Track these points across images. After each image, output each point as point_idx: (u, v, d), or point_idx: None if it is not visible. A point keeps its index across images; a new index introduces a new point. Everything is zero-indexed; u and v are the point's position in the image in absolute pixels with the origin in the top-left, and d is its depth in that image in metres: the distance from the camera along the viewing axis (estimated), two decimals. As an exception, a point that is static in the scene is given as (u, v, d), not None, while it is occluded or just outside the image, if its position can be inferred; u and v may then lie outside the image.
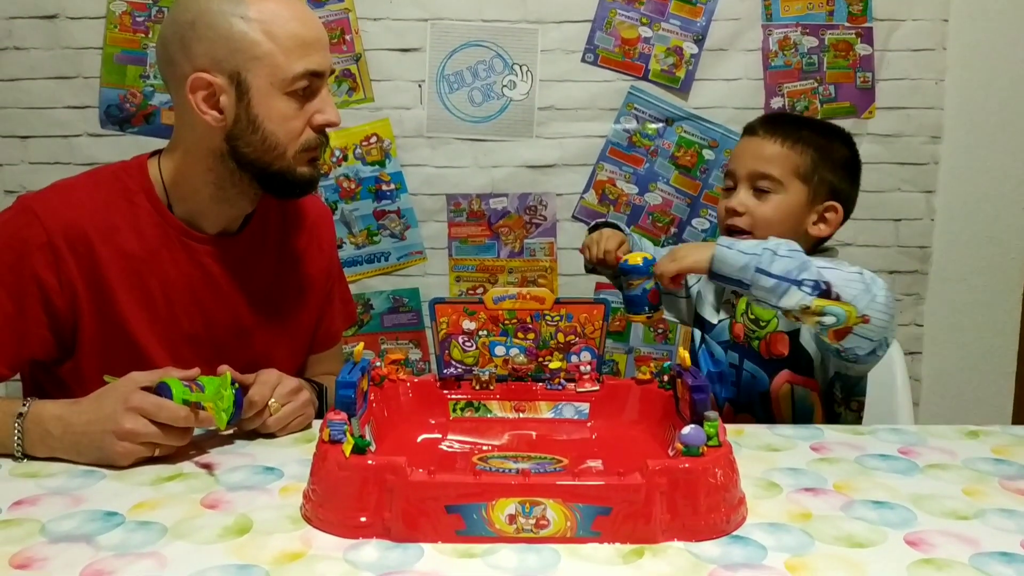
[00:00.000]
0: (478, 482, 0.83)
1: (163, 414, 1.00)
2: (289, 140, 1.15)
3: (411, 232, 2.24)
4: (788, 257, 1.14)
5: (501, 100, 2.20)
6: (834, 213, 1.39)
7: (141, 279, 1.19)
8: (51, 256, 1.13)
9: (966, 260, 2.27)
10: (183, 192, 1.20)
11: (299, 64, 1.12)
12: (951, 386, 2.31)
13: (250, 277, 1.27)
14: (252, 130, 1.13)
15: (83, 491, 0.95)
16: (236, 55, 1.11)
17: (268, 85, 1.12)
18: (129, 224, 1.18)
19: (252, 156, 1.15)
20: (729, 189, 1.42)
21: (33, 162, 2.18)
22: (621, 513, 0.82)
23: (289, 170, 1.17)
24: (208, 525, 0.86)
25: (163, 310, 1.21)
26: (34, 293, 1.13)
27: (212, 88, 1.12)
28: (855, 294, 1.14)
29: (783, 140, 1.38)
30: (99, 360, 1.17)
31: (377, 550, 0.81)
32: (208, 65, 1.11)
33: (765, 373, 1.37)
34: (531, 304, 1.12)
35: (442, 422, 1.13)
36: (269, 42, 1.11)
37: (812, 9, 2.18)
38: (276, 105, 1.13)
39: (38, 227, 1.13)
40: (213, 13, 1.11)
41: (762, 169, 1.37)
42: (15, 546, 0.81)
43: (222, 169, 1.17)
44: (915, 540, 0.85)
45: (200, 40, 1.11)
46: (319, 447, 0.88)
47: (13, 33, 2.14)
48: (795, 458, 1.08)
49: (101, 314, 1.17)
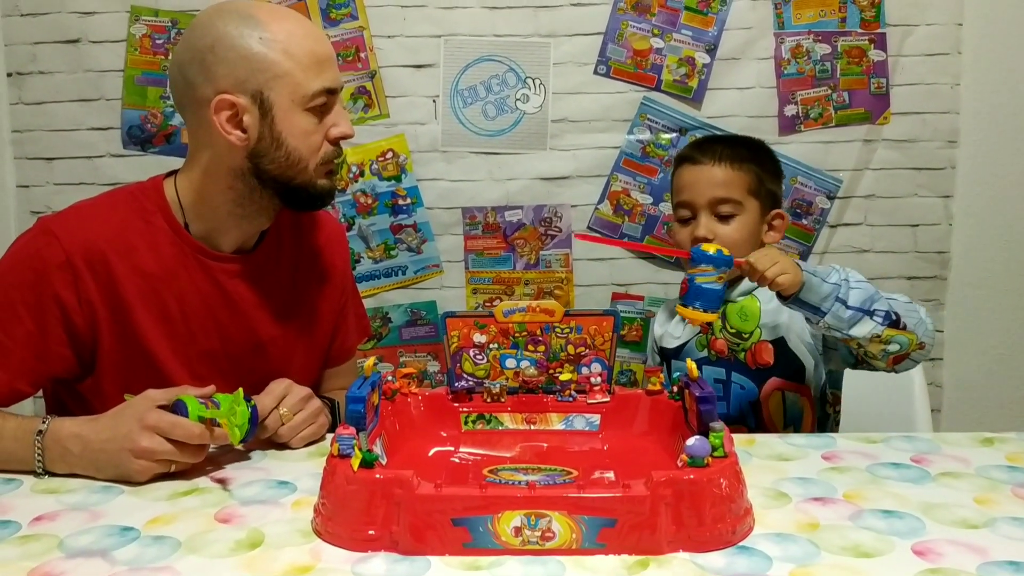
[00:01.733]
0: (484, 495, 0.84)
1: (178, 432, 1.02)
2: (310, 154, 1.19)
3: (428, 246, 2.26)
4: (860, 288, 1.19)
5: (515, 113, 2.22)
6: (781, 220, 1.47)
7: (159, 297, 1.21)
8: (70, 276, 1.16)
9: (985, 264, 2.24)
10: (201, 211, 1.23)
11: (317, 81, 1.16)
12: (973, 392, 2.28)
13: (266, 293, 1.29)
14: (276, 147, 1.16)
15: (101, 506, 0.97)
16: (258, 75, 1.14)
17: (289, 102, 1.15)
18: (146, 243, 1.21)
19: (275, 172, 1.18)
20: (685, 220, 1.44)
21: (58, 183, 2.22)
22: (626, 524, 0.83)
23: (310, 183, 1.21)
24: (221, 539, 0.88)
25: (180, 327, 1.23)
26: (54, 312, 1.16)
27: (236, 108, 1.15)
28: (915, 323, 1.22)
29: (729, 163, 1.42)
30: (118, 377, 1.20)
31: (385, 563, 0.83)
32: (230, 86, 1.14)
33: (754, 383, 1.38)
34: (541, 317, 1.13)
35: (454, 435, 1.15)
36: (288, 61, 1.14)
37: (824, 16, 2.17)
38: (297, 121, 1.16)
39: (57, 247, 1.15)
40: (232, 36, 1.14)
41: (721, 194, 1.41)
42: (33, 561, 0.83)
43: (242, 187, 1.20)
44: (922, 550, 0.85)
45: (221, 63, 1.14)
46: (328, 461, 0.90)
47: (37, 57, 2.19)
48: (805, 467, 1.08)
49: (120, 332, 1.19)
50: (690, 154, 1.46)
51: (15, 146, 2.23)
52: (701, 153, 1.44)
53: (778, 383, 1.38)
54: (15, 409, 1.16)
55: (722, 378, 1.42)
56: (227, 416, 1.04)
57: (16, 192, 2.24)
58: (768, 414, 1.37)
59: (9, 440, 1.07)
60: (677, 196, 1.47)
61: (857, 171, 2.21)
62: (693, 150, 1.47)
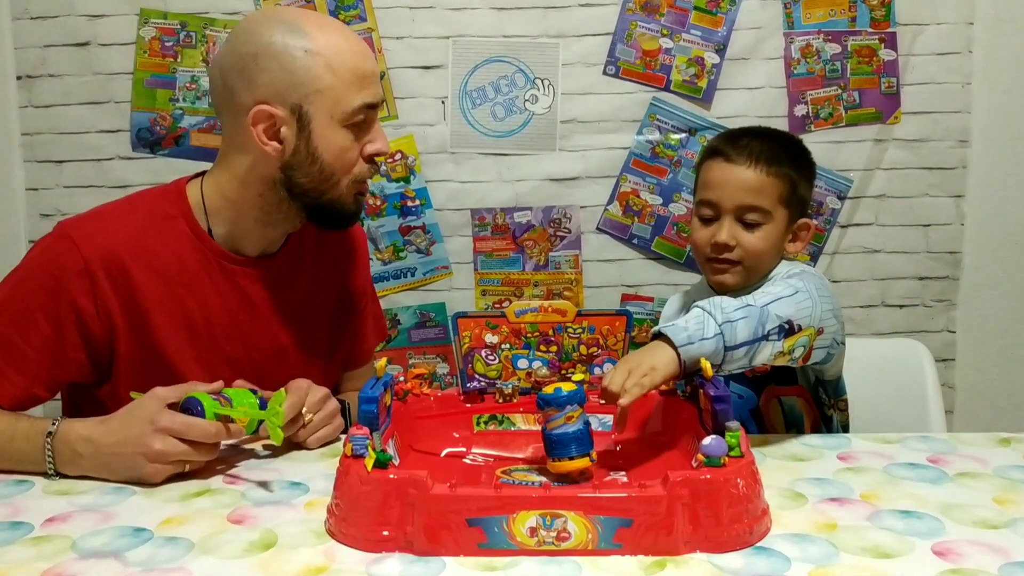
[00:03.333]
0: (499, 495, 0.83)
1: (194, 432, 1.02)
2: (344, 171, 1.17)
3: (437, 247, 2.26)
4: (745, 317, 1.07)
5: (524, 114, 2.21)
6: (806, 231, 1.36)
7: (180, 303, 1.20)
8: (88, 282, 1.15)
9: (998, 264, 2.23)
10: (227, 216, 1.22)
11: (358, 98, 1.14)
12: (986, 393, 2.26)
13: (288, 298, 1.29)
14: (311, 161, 1.15)
15: (113, 507, 0.96)
16: (299, 88, 1.12)
17: (328, 118, 1.14)
18: (168, 248, 1.20)
19: (308, 186, 1.17)
20: (707, 219, 1.34)
21: (67, 186, 2.22)
22: (643, 525, 0.82)
23: (339, 201, 1.19)
24: (234, 540, 0.87)
25: (203, 333, 1.22)
26: (71, 319, 1.15)
27: (274, 120, 1.13)
28: (807, 313, 1.13)
29: (766, 167, 1.30)
30: (136, 384, 1.18)
31: (399, 564, 0.82)
32: (270, 96, 1.13)
33: (752, 391, 1.35)
34: (553, 317, 1.13)
35: (466, 436, 1.14)
36: (331, 76, 1.12)
37: (834, 16, 2.16)
38: (335, 137, 1.15)
39: (76, 254, 1.15)
40: (276, 46, 1.12)
41: (751, 202, 1.30)
42: (47, 562, 0.83)
43: (272, 196, 1.19)
44: (943, 550, 0.84)
45: (263, 72, 1.12)
46: (342, 462, 0.89)
47: (47, 61, 2.19)
48: (821, 468, 1.07)
49: (138, 339, 1.19)
50: (723, 148, 1.33)
51: (25, 149, 2.23)
52: (735, 150, 1.32)
53: (775, 389, 1.35)
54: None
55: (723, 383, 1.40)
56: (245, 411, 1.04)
57: (26, 195, 2.24)
58: (769, 421, 1.36)
59: (21, 440, 1.07)
60: (702, 192, 1.35)
61: (868, 171, 2.20)
62: (727, 144, 1.34)
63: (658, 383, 1.02)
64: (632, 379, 1.00)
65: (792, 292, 1.14)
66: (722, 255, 1.32)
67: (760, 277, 1.34)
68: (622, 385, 0.99)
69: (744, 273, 1.33)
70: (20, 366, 1.14)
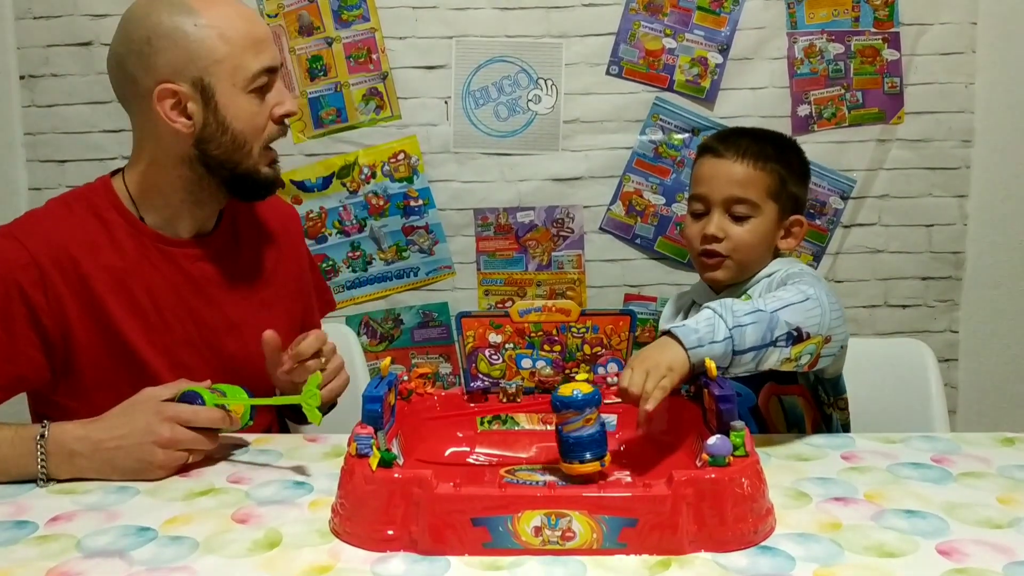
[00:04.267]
0: (503, 494, 0.83)
1: (202, 418, 1.05)
2: (255, 136, 1.20)
3: (439, 247, 2.26)
4: (755, 323, 1.08)
5: (527, 114, 2.21)
6: (799, 227, 1.39)
7: (128, 290, 1.20)
8: (36, 274, 1.14)
9: (1000, 264, 2.23)
10: (154, 202, 1.23)
11: (256, 62, 1.17)
12: (988, 392, 2.26)
13: (230, 274, 1.30)
14: (222, 132, 1.17)
15: (117, 507, 0.96)
16: (197, 62, 1.14)
17: (231, 86, 1.16)
18: (107, 239, 1.20)
19: (222, 158, 1.19)
20: (699, 214, 1.38)
21: (70, 185, 2.22)
22: (647, 524, 0.82)
23: (254, 170, 1.21)
24: (238, 539, 0.87)
25: (154, 317, 1.22)
26: (22, 312, 1.13)
27: (178, 96, 1.15)
28: (816, 321, 1.13)
29: (753, 161, 1.34)
30: (99, 373, 1.19)
31: (404, 563, 0.82)
32: (170, 76, 1.15)
33: (750, 389, 1.35)
34: (557, 316, 1.13)
35: (470, 435, 1.14)
36: (226, 45, 1.15)
37: (837, 16, 2.16)
38: (242, 103, 1.17)
39: (21, 249, 1.14)
40: (166, 25, 1.14)
41: (738, 194, 1.34)
42: (51, 561, 0.83)
43: (191, 174, 1.21)
44: (947, 549, 0.84)
45: (159, 53, 1.14)
46: (346, 461, 0.89)
47: (50, 60, 2.20)
48: (825, 467, 1.07)
49: (96, 328, 1.18)
50: (713, 145, 1.39)
51: (27, 149, 2.23)
52: (725, 146, 1.37)
53: (774, 388, 1.35)
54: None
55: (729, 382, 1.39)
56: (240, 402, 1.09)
57: (28, 195, 2.24)
58: (769, 419, 1.35)
59: (6, 447, 1.04)
60: (693, 187, 1.40)
61: (871, 171, 2.20)
62: (717, 141, 1.39)
63: (676, 385, 1.03)
64: (652, 381, 1.00)
65: (803, 299, 1.13)
66: (712, 248, 1.35)
67: (751, 272, 1.36)
68: (643, 387, 1.00)
69: (735, 268, 1.35)
70: None
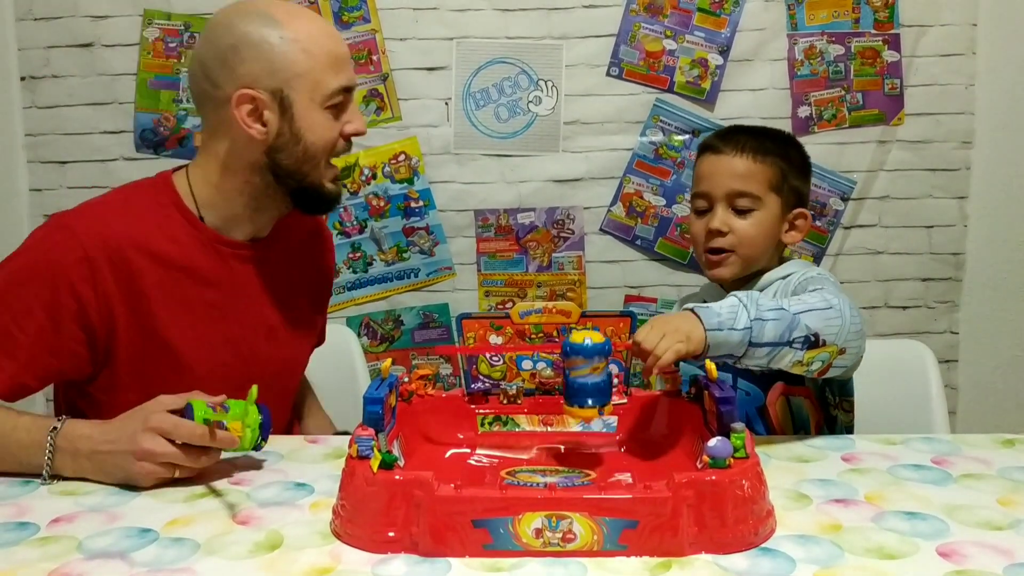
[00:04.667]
0: (504, 496, 0.83)
1: (181, 432, 1.02)
2: (325, 152, 1.23)
3: (440, 248, 2.26)
4: (776, 320, 1.09)
5: (527, 116, 2.21)
6: (803, 220, 1.40)
7: (178, 286, 1.22)
8: (88, 271, 1.15)
9: (1001, 266, 2.23)
10: (216, 203, 1.25)
11: (335, 80, 1.20)
12: (989, 394, 2.26)
13: (273, 280, 1.32)
14: (294, 142, 1.20)
15: (119, 508, 0.96)
16: (279, 73, 1.17)
17: (309, 100, 1.19)
18: (164, 233, 1.22)
19: (291, 167, 1.22)
20: (702, 211, 1.39)
21: (71, 186, 2.23)
22: (648, 526, 0.82)
23: (320, 184, 1.24)
24: (240, 541, 0.88)
25: (202, 315, 1.24)
26: (70, 307, 1.15)
27: (256, 103, 1.18)
28: (835, 331, 1.14)
29: (752, 155, 1.36)
30: (136, 370, 1.20)
31: (405, 565, 0.82)
32: (251, 83, 1.18)
33: (759, 388, 1.35)
34: (557, 318, 1.13)
35: (470, 437, 1.14)
36: (308, 60, 1.18)
37: (838, 17, 2.16)
38: (316, 118, 1.20)
39: (75, 242, 1.16)
40: (253, 36, 1.17)
41: (740, 187, 1.35)
42: (53, 563, 0.83)
43: (259, 181, 1.23)
44: (948, 551, 0.84)
45: (244, 61, 1.17)
46: (347, 463, 0.89)
47: (51, 62, 2.20)
48: (825, 469, 1.07)
49: (138, 325, 1.19)
50: (713, 143, 1.41)
51: (28, 150, 2.24)
52: (724, 142, 1.39)
53: (783, 388, 1.36)
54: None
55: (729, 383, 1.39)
56: (240, 419, 1.03)
57: (29, 196, 2.24)
58: (776, 419, 1.36)
59: (22, 432, 1.06)
60: (695, 186, 1.42)
61: (871, 172, 2.20)
62: (716, 139, 1.41)
63: (691, 354, 1.04)
64: (667, 342, 1.02)
65: (826, 307, 1.14)
66: (716, 243, 1.36)
67: (756, 268, 1.37)
68: (657, 344, 1.02)
69: (740, 263, 1.36)
70: (11, 353, 1.13)
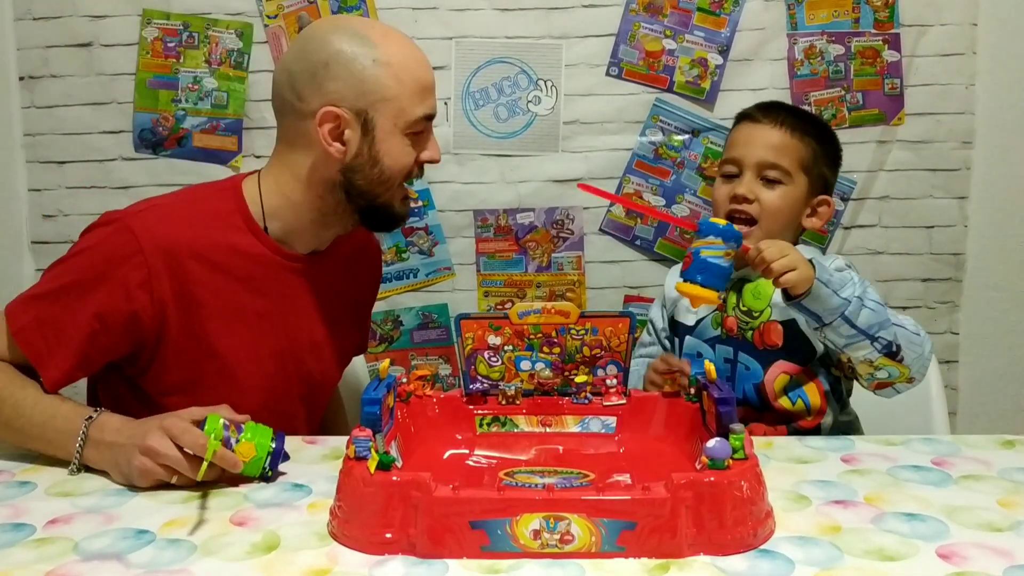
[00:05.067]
0: (502, 497, 0.83)
1: (185, 438, 1.02)
2: (399, 175, 1.23)
3: (439, 248, 2.25)
4: (873, 311, 1.16)
5: (526, 115, 2.21)
6: (826, 207, 1.42)
7: (234, 295, 1.22)
8: (145, 273, 1.16)
9: (1001, 266, 2.22)
10: (285, 215, 1.25)
11: (420, 109, 1.21)
12: (989, 395, 2.26)
13: (323, 295, 1.33)
14: (372, 165, 1.21)
15: (115, 509, 0.96)
16: (367, 95, 1.18)
17: (392, 125, 1.20)
18: (225, 241, 1.22)
19: (364, 188, 1.22)
20: (730, 176, 1.41)
21: (70, 187, 2.22)
22: (646, 527, 0.82)
23: (391, 205, 1.25)
24: (237, 542, 0.87)
25: (253, 326, 1.24)
26: (123, 308, 1.16)
27: (339, 122, 1.19)
28: (914, 357, 1.18)
29: (790, 130, 1.38)
30: (182, 374, 1.21)
31: (403, 566, 0.82)
32: (338, 100, 1.18)
33: (759, 364, 1.35)
34: (556, 318, 1.13)
35: (469, 437, 1.14)
36: (397, 86, 1.19)
37: (838, 17, 2.16)
38: (396, 143, 1.21)
39: (134, 243, 1.16)
40: (347, 54, 1.18)
41: (772, 159, 1.37)
42: (49, 564, 0.83)
43: (331, 198, 1.24)
44: (948, 553, 0.83)
45: (334, 79, 1.18)
46: (344, 464, 0.89)
47: (49, 61, 2.19)
48: (825, 470, 1.07)
49: (189, 331, 1.20)
50: (752, 112, 1.43)
51: (27, 150, 2.23)
52: (763, 114, 1.41)
53: (784, 366, 1.35)
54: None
55: (730, 357, 1.39)
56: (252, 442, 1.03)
57: (28, 196, 2.23)
58: (773, 396, 1.35)
59: (61, 420, 1.09)
60: (727, 152, 1.44)
61: (871, 172, 2.20)
62: (757, 109, 1.43)
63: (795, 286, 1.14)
64: (784, 262, 1.13)
65: (915, 332, 1.20)
66: (740, 208, 1.37)
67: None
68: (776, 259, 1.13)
69: (760, 235, 1.35)
70: (65, 350, 1.15)
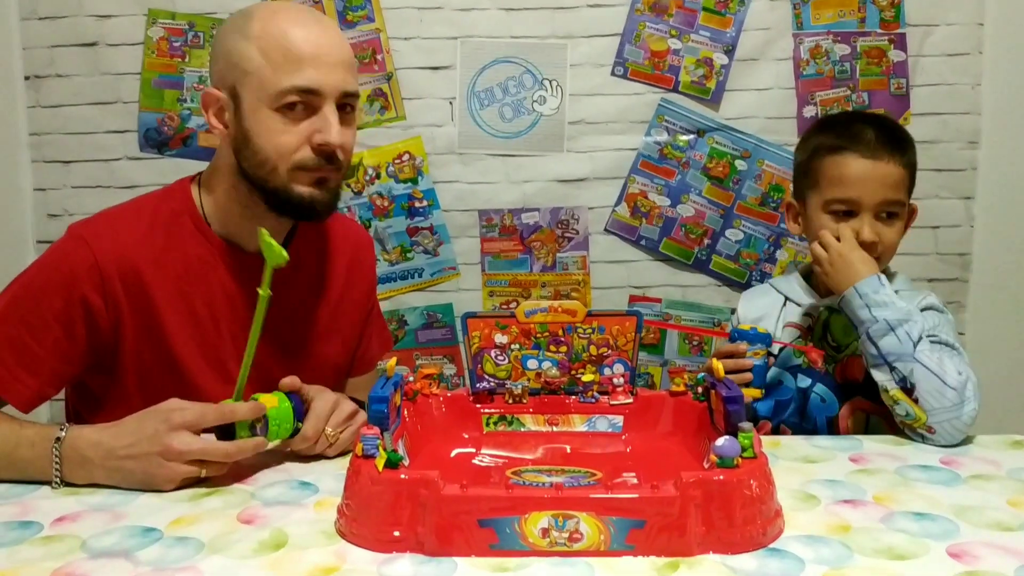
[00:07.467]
0: (510, 496, 0.83)
1: (209, 419, 1.02)
2: (279, 157, 1.15)
3: (444, 248, 2.25)
4: (899, 341, 1.18)
5: (532, 115, 2.21)
6: (914, 215, 1.38)
7: (187, 300, 1.21)
8: (98, 279, 1.15)
9: (1007, 266, 2.22)
10: (217, 210, 1.23)
11: (287, 79, 1.13)
12: (996, 395, 2.22)
13: (289, 296, 1.28)
14: (245, 144, 1.16)
15: (123, 507, 0.96)
16: (233, 70, 1.16)
17: (256, 100, 1.15)
18: (175, 246, 1.21)
19: (250, 171, 1.18)
20: (841, 214, 1.32)
21: (75, 186, 2.22)
22: (655, 526, 0.82)
23: (285, 188, 1.17)
24: (244, 540, 0.87)
25: (209, 329, 1.23)
26: (80, 315, 1.16)
27: (220, 103, 1.18)
28: (938, 407, 1.15)
29: (899, 159, 1.31)
30: (142, 381, 1.20)
31: (411, 564, 0.82)
32: (217, 82, 1.18)
33: (835, 397, 1.34)
34: (563, 317, 1.12)
35: (475, 436, 1.13)
36: (260, 58, 1.14)
37: (843, 16, 2.16)
38: (264, 120, 1.14)
39: (87, 252, 1.16)
40: (224, 34, 1.18)
41: (893, 196, 1.30)
42: (57, 562, 0.83)
43: (241, 186, 1.20)
44: (958, 552, 0.83)
45: (215, 60, 1.19)
46: (352, 462, 0.89)
47: (55, 61, 2.19)
48: (833, 469, 1.07)
49: (146, 337, 1.19)
50: (851, 144, 1.31)
51: (32, 149, 2.23)
52: (865, 144, 1.30)
53: (861, 403, 1.32)
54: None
55: (805, 387, 1.36)
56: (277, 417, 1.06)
57: (33, 195, 2.24)
58: (845, 430, 1.32)
59: (26, 447, 1.04)
60: (837, 190, 1.31)
61: (877, 172, 2.19)
62: (851, 139, 1.31)
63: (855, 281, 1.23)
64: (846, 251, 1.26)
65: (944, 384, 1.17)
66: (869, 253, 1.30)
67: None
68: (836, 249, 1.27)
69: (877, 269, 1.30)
70: (32, 368, 1.14)
